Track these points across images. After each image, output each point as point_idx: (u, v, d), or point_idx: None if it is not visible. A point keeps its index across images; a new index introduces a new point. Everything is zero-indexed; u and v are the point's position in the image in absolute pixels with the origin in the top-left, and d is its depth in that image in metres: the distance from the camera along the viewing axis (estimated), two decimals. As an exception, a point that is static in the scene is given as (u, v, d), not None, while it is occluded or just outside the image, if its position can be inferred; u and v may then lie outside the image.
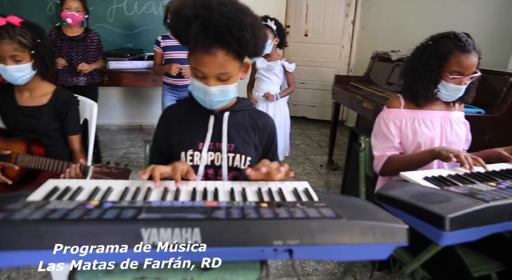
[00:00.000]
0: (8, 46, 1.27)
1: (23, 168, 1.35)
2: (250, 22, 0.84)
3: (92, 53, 2.55)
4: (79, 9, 2.41)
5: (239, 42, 0.82)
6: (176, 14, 0.86)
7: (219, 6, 0.81)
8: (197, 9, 0.80)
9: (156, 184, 0.80)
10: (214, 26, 0.79)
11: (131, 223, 0.61)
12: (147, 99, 4.15)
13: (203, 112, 1.00)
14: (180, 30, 0.86)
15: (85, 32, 2.54)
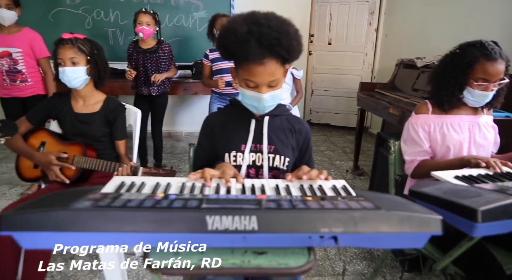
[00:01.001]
0: (69, 50, 1.45)
1: (78, 169, 1.49)
2: (294, 32, 0.94)
3: (163, 63, 2.74)
4: (149, 23, 2.60)
5: (288, 51, 0.92)
6: (229, 32, 0.94)
7: (266, 21, 0.90)
8: (249, 26, 0.90)
9: (208, 184, 0.90)
10: (267, 40, 0.89)
11: (197, 211, 0.70)
12: (174, 108, 4.32)
13: (244, 117, 1.10)
14: (234, 47, 0.94)
15: (157, 44, 2.73)
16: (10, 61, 2.39)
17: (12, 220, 0.67)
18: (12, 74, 2.43)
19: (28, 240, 0.68)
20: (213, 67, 2.65)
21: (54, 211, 0.68)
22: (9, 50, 2.37)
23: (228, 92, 2.65)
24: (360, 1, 4.35)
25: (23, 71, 2.44)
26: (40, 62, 2.49)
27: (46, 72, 2.51)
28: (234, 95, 2.67)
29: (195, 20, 3.92)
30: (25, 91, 2.49)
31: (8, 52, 2.37)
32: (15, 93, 2.47)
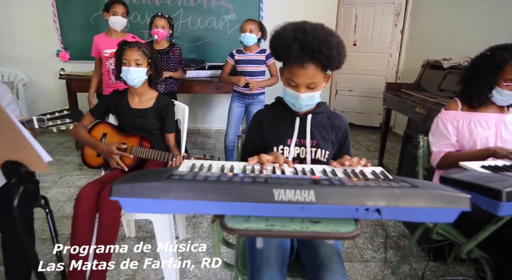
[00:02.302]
0: (135, 52, 1.66)
1: (136, 158, 1.68)
2: (335, 43, 1.07)
3: (172, 64, 2.93)
4: (164, 26, 2.80)
5: (327, 58, 1.06)
6: (278, 36, 1.09)
7: (312, 30, 1.04)
8: (295, 33, 1.04)
9: (265, 166, 1.05)
10: (309, 46, 1.03)
11: (265, 185, 0.86)
12: (204, 106, 4.51)
13: (290, 115, 1.24)
14: (280, 49, 1.09)
15: (169, 46, 2.93)
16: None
17: (119, 189, 0.84)
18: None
19: (130, 205, 0.85)
20: (237, 68, 2.82)
21: (151, 182, 0.85)
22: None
23: (247, 92, 2.81)
24: (386, 3, 4.43)
25: None
26: None
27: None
28: (251, 95, 2.83)
29: (226, 22, 4.10)
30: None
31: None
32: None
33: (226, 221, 0.87)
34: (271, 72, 2.86)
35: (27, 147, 0.95)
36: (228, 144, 2.96)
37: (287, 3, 4.18)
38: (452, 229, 1.43)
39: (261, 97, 2.89)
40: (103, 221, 1.46)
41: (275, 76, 2.85)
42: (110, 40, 2.71)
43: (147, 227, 2.20)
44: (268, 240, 1.13)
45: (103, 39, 2.74)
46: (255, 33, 2.70)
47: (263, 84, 2.79)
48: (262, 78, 2.81)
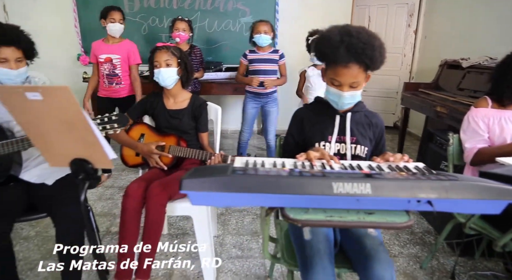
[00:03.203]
0: (164, 53, 1.73)
1: (174, 157, 1.75)
2: (378, 45, 1.14)
3: (194, 66, 3.01)
4: (185, 29, 2.89)
5: (370, 60, 1.13)
6: (325, 39, 1.16)
7: (357, 33, 1.11)
8: (342, 36, 1.11)
9: (314, 162, 1.12)
10: (354, 48, 1.10)
11: (324, 179, 0.92)
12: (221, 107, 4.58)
13: (330, 113, 1.30)
14: (326, 50, 1.16)
15: (190, 48, 3.01)
16: (110, 66, 2.76)
17: (188, 183, 0.91)
18: (110, 77, 2.79)
19: (198, 198, 0.92)
20: (250, 67, 2.90)
21: (219, 177, 0.91)
22: (111, 57, 2.74)
23: (261, 92, 2.87)
24: (399, 4, 4.48)
25: (119, 74, 2.79)
26: (132, 67, 2.84)
27: (136, 77, 2.86)
28: (265, 94, 2.89)
29: (242, 25, 4.17)
30: (119, 92, 2.84)
31: (110, 58, 2.75)
32: (111, 94, 2.84)
33: (287, 213, 0.93)
34: (282, 73, 2.94)
35: (96, 145, 1.02)
36: (242, 141, 3.07)
37: (302, 5, 4.24)
38: (486, 224, 1.48)
39: (275, 95, 2.97)
40: (149, 216, 1.53)
41: (285, 76, 2.95)
42: (107, 46, 2.79)
43: (177, 224, 2.27)
44: (316, 232, 1.19)
45: (99, 45, 2.82)
46: (269, 34, 2.78)
47: (276, 83, 2.87)
48: (274, 77, 2.89)
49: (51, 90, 0.88)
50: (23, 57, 1.52)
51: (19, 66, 1.50)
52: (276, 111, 2.96)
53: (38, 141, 1.04)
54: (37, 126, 0.99)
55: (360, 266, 1.11)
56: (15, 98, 0.91)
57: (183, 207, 1.64)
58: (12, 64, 1.47)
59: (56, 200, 1.46)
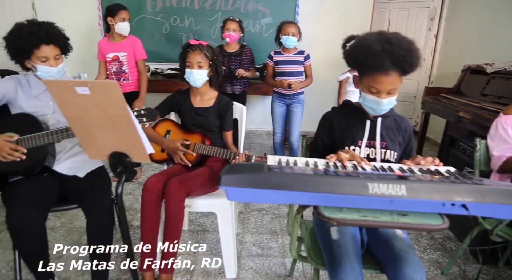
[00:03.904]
0: (197, 55, 1.75)
1: (198, 154, 1.78)
2: (416, 50, 1.15)
3: (245, 65, 3.05)
4: (235, 29, 2.93)
5: (410, 66, 1.13)
6: (365, 48, 1.15)
7: (397, 40, 1.12)
8: (382, 44, 1.11)
9: (345, 163, 1.13)
10: (396, 56, 1.10)
11: (360, 179, 0.94)
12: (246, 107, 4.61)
13: (360, 117, 1.31)
14: (366, 59, 1.15)
15: (241, 48, 3.05)
16: (118, 64, 2.83)
17: (227, 179, 0.93)
18: (118, 74, 2.86)
19: (235, 194, 0.95)
20: (276, 69, 2.92)
21: (257, 174, 0.94)
22: (117, 55, 2.81)
23: (288, 93, 2.89)
24: (420, 7, 4.45)
25: (126, 71, 2.85)
26: (138, 63, 2.88)
27: (142, 72, 2.90)
28: (291, 95, 2.91)
29: (262, 26, 4.20)
30: (126, 88, 2.89)
31: (117, 56, 2.81)
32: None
33: (322, 211, 0.95)
34: (307, 74, 2.95)
35: (136, 139, 1.05)
36: (276, 142, 3.09)
37: (322, 7, 4.24)
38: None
39: (301, 97, 2.97)
40: (168, 211, 1.56)
41: (311, 77, 2.95)
42: (113, 44, 2.83)
43: (198, 221, 2.30)
44: (343, 232, 1.21)
45: (106, 44, 2.86)
46: (297, 36, 2.79)
47: (303, 85, 2.87)
48: (301, 78, 2.90)
49: (100, 85, 0.92)
50: (60, 54, 1.57)
51: (58, 63, 1.55)
52: (301, 112, 2.97)
53: (81, 133, 1.08)
54: (82, 119, 1.03)
55: (390, 268, 1.12)
56: (65, 92, 0.95)
57: (206, 203, 1.67)
58: (52, 62, 1.52)
59: (87, 192, 1.50)
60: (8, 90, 1.54)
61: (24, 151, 1.46)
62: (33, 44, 1.46)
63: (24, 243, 1.37)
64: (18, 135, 1.48)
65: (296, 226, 1.18)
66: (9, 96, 1.54)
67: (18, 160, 1.46)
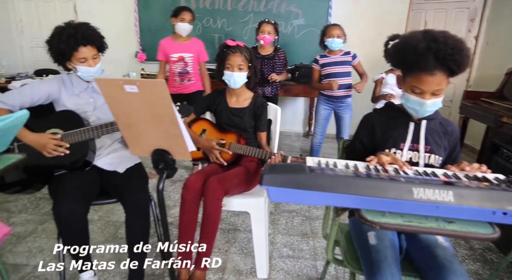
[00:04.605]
0: (238, 58, 1.76)
1: (234, 154, 1.80)
2: (466, 49, 1.10)
3: (278, 68, 3.08)
4: (270, 31, 2.95)
5: (458, 66, 1.09)
6: (409, 46, 1.12)
7: (443, 38, 1.08)
8: (428, 42, 1.08)
9: (386, 167, 1.10)
10: (442, 55, 1.06)
11: (404, 183, 0.91)
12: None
13: (403, 119, 1.27)
14: (410, 58, 1.12)
15: (274, 51, 3.08)
16: (183, 64, 2.90)
17: (269, 179, 0.94)
18: (182, 75, 2.93)
19: (277, 194, 0.95)
20: (322, 72, 2.89)
21: (300, 174, 0.93)
22: (183, 55, 2.88)
23: (334, 95, 2.87)
24: (460, 8, 4.28)
25: (190, 72, 2.93)
26: (201, 65, 2.98)
27: (205, 74, 2.99)
28: (338, 98, 2.89)
29: (294, 27, 4.19)
30: (189, 88, 2.98)
31: (183, 57, 2.88)
32: (181, 90, 2.97)
33: (364, 215, 0.93)
34: (360, 71, 2.93)
35: (179, 137, 1.07)
36: (315, 143, 3.09)
37: (356, 8, 4.18)
38: None
39: (349, 100, 2.95)
40: (206, 209, 1.59)
41: (365, 73, 2.94)
42: (177, 44, 2.91)
43: (228, 220, 2.32)
44: (381, 237, 1.18)
45: (170, 44, 2.94)
46: (342, 37, 2.77)
47: (363, 84, 2.87)
48: (348, 79, 2.88)
49: (148, 83, 0.95)
50: (97, 53, 1.63)
51: (96, 63, 1.61)
52: (350, 116, 2.96)
53: (127, 130, 1.12)
54: (128, 116, 1.06)
55: (432, 276, 1.08)
56: (114, 90, 0.98)
57: (241, 202, 1.68)
58: (91, 62, 1.59)
59: (126, 188, 1.55)
60: (53, 90, 1.61)
61: (67, 146, 1.54)
62: (72, 47, 1.53)
63: (68, 233, 1.43)
64: (62, 131, 1.56)
65: (334, 228, 1.17)
66: (53, 95, 1.62)
67: (62, 155, 1.53)
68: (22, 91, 1.57)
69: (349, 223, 1.41)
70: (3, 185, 1.58)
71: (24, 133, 1.50)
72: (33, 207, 2.38)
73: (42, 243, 1.98)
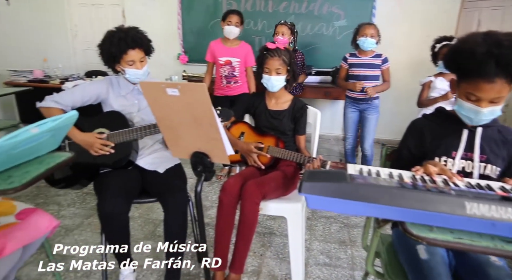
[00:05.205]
0: (276, 61, 1.74)
1: (272, 157, 1.78)
2: None
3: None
4: (284, 33, 2.95)
5: None
6: (467, 50, 1.02)
7: (509, 43, 0.96)
8: (489, 46, 0.97)
9: (434, 177, 1.03)
10: (505, 60, 0.96)
11: (455, 197, 0.85)
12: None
13: (456, 126, 1.17)
14: (469, 64, 1.02)
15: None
16: (230, 68, 2.93)
17: (309, 186, 0.91)
18: (228, 78, 2.97)
19: (316, 202, 0.92)
20: (350, 72, 2.81)
21: (340, 183, 0.89)
22: (230, 60, 2.92)
23: (361, 97, 2.76)
24: (519, 6, 3.97)
25: (237, 75, 2.97)
26: (248, 69, 3.00)
27: (251, 77, 3.00)
28: (365, 100, 2.77)
29: (335, 28, 4.10)
30: (236, 90, 3.01)
31: (230, 61, 2.92)
32: (227, 92, 3.01)
33: (410, 228, 0.88)
34: (385, 78, 2.79)
35: (218, 141, 1.08)
36: (348, 149, 3.00)
37: (402, 8, 4.01)
38: None
39: (376, 102, 2.83)
40: (243, 213, 1.58)
41: (388, 82, 2.80)
42: (225, 48, 2.94)
43: (264, 223, 2.31)
44: (433, 252, 1.11)
45: (218, 47, 2.96)
46: (375, 38, 2.65)
47: (378, 89, 2.73)
48: (376, 83, 2.76)
49: (189, 87, 0.96)
50: (144, 56, 1.68)
51: (143, 65, 1.67)
52: (376, 119, 2.83)
53: (168, 132, 1.14)
54: (170, 119, 1.08)
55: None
56: (156, 93, 1.00)
57: (278, 207, 1.66)
58: (138, 65, 1.65)
59: (166, 188, 1.59)
60: (101, 91, 1.69)
61: (112, 145, 1.60)
62: (122, 50, 1.60)
63: (111, 228, 1.49)
64: (108, 131, 1.63)
65: (376, 240, 1.12)
66: (102, 96, 1.70)
67: (107, 154, 1.60)
68: (74, 92, 1.66)
69: (392, 234, 1.34)
70: (53, 180, 1.68)
71: (74, 132, 1.58)
72: (80, 202, 2.51)
73: (87, 236, 2.08)
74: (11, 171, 1.15)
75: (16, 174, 1.14)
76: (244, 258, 1.60)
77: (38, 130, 1.10)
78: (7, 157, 1.10)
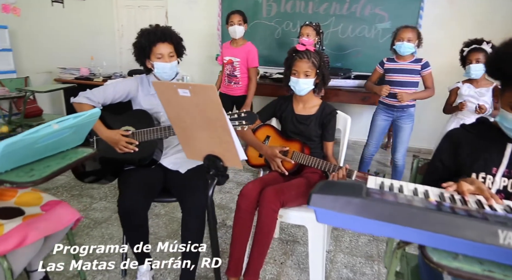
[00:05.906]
0: (305, 64, 1.68)
1: (296, 163, 1.71)
2: None
3: None
4: (309, 34, 2.89)
5: None
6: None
7: None
8: None
9: (466, 197, 0.92)
10: None
11: (487, 222, 0.74)
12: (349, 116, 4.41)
13: (498, 139, 1.05)
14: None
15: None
16: (231, 67, 3.00)
17: (318, 199, 0.83)
18: (230, 77, 3.05)
19: (325, 217, 0.84)
20: (386, 77, 2.62)
21: (351, 198, 0.81)
22: (232, 59, 2.98)
23: (395, 104, 2.56)
24: None
25: (237, 76, 3.01)
26: (250, 70, 2.98)
27: (252, 79, 3.00)
28: (399, 107, 2.57)
29: (378, 31, 3.92)
30: (236, 91, 3.06)
31: (231, 60, 2.98)
32: (229, 91, 3.10)
33: (430, 254, 0.78)
34: (426, 84, 2.57)
35: (230, 144, 1.04)
36: (366, 155, 2.79)
37: (453, 10, 3.74)
38: None
39: (411, 110, 2.61)
40: (260, 219, 1.54)
41: (431, 88, 2.56)
42: (230, 48, 3.02)
43: (289, 230, 2.24)
44: (460, 280, 0.98)
45: (226, 47, 3.08)
46: (413, 42, 2.47)
47: (415, 96, 2.52)
48: (414, 90, 2.56)
49: (199, 88, 0.93)
50: (174, 53, 1.70)
51: (172, 60, 1.69)
52: (410, 128, 2.61)
53: (181, 133, 1.12)
54: (182, 120, 1.06)
55: None
56: (169, 93, 0.99)
57: (298, 216, 1.59)
58: (166, 59, 1.67)
59: (186, 189, 1.58)
60: (132, 89, 1.72)
61: (137, 143, 1.62)
62: (151, 41, 1.65)
63: (129, 224, 1.52)
64: (134, 129, 1.65)
65: (395, 261, 1.02)
66: (132, 94, 1.73)
67: (132, 152, 1.62)
68: (106, 89, 1.71)
69: (419, 256, 1.22)
70: (82, 172, 1.74)
71: (101, 129, 1.62)
72: (112, 196, 2.60)
73: (114, 230, 2.14)
74: (34, 165, 1.20)
75: (38, 168, 1.17)
76: (259, 266, 1.55)
77: (58, 127, 1.12)
78: (29, 151, 1.14)
